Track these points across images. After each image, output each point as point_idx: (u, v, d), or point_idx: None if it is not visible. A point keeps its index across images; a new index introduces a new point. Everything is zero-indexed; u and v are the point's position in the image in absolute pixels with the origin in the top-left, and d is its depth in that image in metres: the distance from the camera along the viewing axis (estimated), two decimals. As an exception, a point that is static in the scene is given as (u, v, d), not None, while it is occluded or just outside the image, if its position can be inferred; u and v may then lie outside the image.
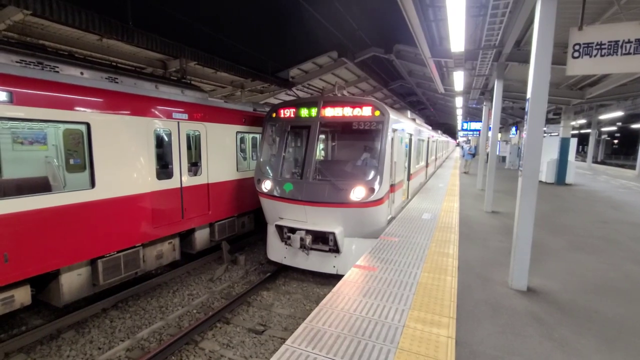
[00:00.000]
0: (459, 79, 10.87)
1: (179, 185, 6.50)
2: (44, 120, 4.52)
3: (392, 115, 6.67)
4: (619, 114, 19.12)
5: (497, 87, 8.72)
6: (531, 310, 3.86)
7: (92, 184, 5.04)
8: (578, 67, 3.96)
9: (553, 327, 3.53)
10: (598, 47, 3.76)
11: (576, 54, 3.90)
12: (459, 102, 17.81)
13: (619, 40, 3.66)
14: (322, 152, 8.88)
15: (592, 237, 6.95)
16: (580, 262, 5.53)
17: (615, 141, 56.27)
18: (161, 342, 4.85)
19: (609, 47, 3.70)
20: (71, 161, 5.59)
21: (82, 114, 4.86)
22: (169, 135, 6.35)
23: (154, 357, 4.31)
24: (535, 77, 4.00)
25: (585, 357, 3.07)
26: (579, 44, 3.86)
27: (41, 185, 4.83)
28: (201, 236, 7.39)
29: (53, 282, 4.96)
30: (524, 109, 17.01)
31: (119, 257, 5.53)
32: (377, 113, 6.33)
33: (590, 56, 3.82)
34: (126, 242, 5.60)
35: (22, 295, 4.52)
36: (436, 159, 20.65)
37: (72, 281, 5.06)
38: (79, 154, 5.34)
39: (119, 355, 4.57)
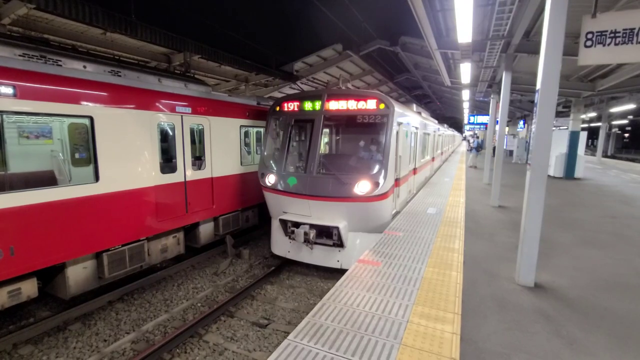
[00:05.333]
0: (465, 71, 10.67)
1: (182, 179, 6.50)
2: (46, 114, 4.51)
3: (397, 109, 6.56)
4: (631, 106, 18.67)
5: (505, 79, 8.54)
6: (538, 307, 3.79)
7: (96, 177, 5.05)
8: (590, 56, 3.82)
9: (561, 324, 3.46)
10: (612, 35, 3.61)
11: (589, 43, 3.76)
12: (465, 95, 17.54)
13: (634, 28, 3.52)
14: (326, 146, 8.81)
15: (602, 232, 6.81)
16: (590, 257, 5.42)
17: (626, 135, 55.10)
18: (166, 334, 4.88)
19: (624, 35, 3.56)
20: (76, 155, 5.60)
21: (85, 107, 4.85)
22: (173, 129, 6.33)
23: (158, 349, 4.34)
24: (546, 68, 3.87)
25: (595, 355, 3.00)
26: (591, 32, 3.72)
27: (47, 179, 4.85)
28: (205, 230, 7.41)
29: (59, 275, 5.01)
30: (532, 101, 16.74)
31: (123, 251, 5.57)
32: (382, 106, 6.22)
33: (604, 45, 3.68)
34: (131, 235, 5.63)
35: (29, 288, 4.57)
36: (442, 152, 20.43)
37: (78, 274, 5.10)
38: (84, 147, 5.35)
39: (124, 347, 4.61)
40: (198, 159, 7.02)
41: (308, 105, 6.70)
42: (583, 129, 15.23)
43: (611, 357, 2.97)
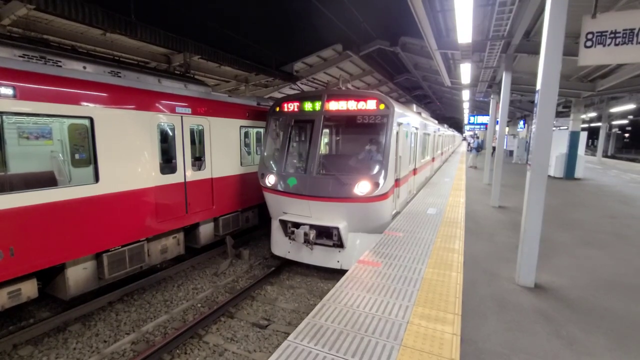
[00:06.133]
0: (466, 72, 10.67)
1: (182, 180, 6.50)
2: (46, 115, 4.51)
3: (397, 109, 6.56)
4: (631, 106, 18.69)
5: (505, 80, 8.54)
6: (538, 307, 3.79)
7: (96, 178, 5.04)
8: (590, 57, 3.82)
9: (561, 325, 3.45)
10: (612, 35, 3.61)
11: (589, 44, 3.76)
12: (465, 95, 17.54)
13: (634, 29, 3.51)
14: (326, 146, 8.81)
15: (602, 232, 6.80)
16: (590, 257, 5.41)
17: (627, 135, 55.09)
18: (166, 335, 4.88)
19: (624, 35, 3.56)
20: (76, 156, 5.60)
21: (85, 108, 4.85)
22: (173, 129, 6.33)
23: (158, 350, 4.34)
24: (546, 68, 3.87)
25: (595, 356, 3.00)
26: (592, 33, 3.72)
27: (47, 180, 4.85)
28: (205, 231, 7.41)
29: (59, 275, 5.01)
30: (532, 102, 16.72)
31: (123, 252, 5.56)
32: (382, 106, 6.22)
33: (604, 45, 3.67)
34: (131, 236, 5.63)
35: (29, 289, 4.57)
36: (442, 153, 20.43)
37: (78, 275, 5.10)
38: (84, 148, 5.36)
39: (124, 348, 4.61)
40: (198, 160, 7.02)
41: (308, 106, 6.70)
42: (583, 129, 15.23)
43: (611, 358, 2.96)
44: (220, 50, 10.23)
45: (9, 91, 4.09)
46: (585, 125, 30.32)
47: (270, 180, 6.75)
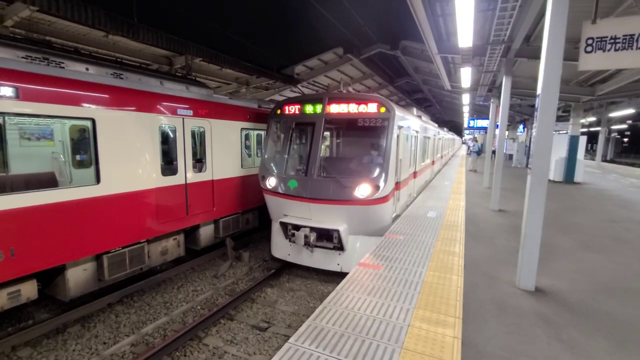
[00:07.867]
0: (466, 76, 10.72)
1: (183, 182, 6.50)
2: (48, 116, 4.52)
3: (398, 112, 6.58)
4: (630, 111, 18.77)
5: (505, 84, 8.58)
6: (539, 311, 3.79)
7: (98, 179, 5.05)
8: (591, 62, 3.85)
9: (562, 328, 3.46)
10: (612, 41, 3.64)
11: (589, 49, 3.79)
12: (465, 99, 17.60)
13: (634, 34, 3.55)
14: (327, 149, 8.83)
15: (602, 236, 6.81)
16: (590, 261, 5.42)
17: (626, 139, 55.28)
18: (165, 337, 4.86)
19: (624, 41, 3.59)
20: (77, 157, 5.61)
21: (87, 109, 4.86)
22: (174, 131, 6.34)
23: (158, 352, 4.32)
24: (546, 72, 3.90)
25: (595, 359, 3.00)
26: (592, 38, 3.75)
27: (48, 181, 4.85)
28: (206, 232, 7.40)
29: (59, 276, 5.00)
30: (532, 106, 16.79)
31: (124, 253, 5.56)
32: (383, 109, 6.25)
33: (604, 51, 3.71)
34: (131, 237, 5.62)
35: (29, 290, 4.55)
36: (442, 156, 20.46)
37: (77, 276, 5.09)
38: (85, 149, 5.37)
39: (123, 350, 4.59)
40: (199, 162, 7.03)
41: (309, 109, 6.72)
42: (582, 134, 15.29)
43: (612, 362, 2.97)
44: (221, 53, 10.29)
45: (12, 92, 4.10)
46: (585, 130, 30.41)
47: (271, 182, 6.76)
